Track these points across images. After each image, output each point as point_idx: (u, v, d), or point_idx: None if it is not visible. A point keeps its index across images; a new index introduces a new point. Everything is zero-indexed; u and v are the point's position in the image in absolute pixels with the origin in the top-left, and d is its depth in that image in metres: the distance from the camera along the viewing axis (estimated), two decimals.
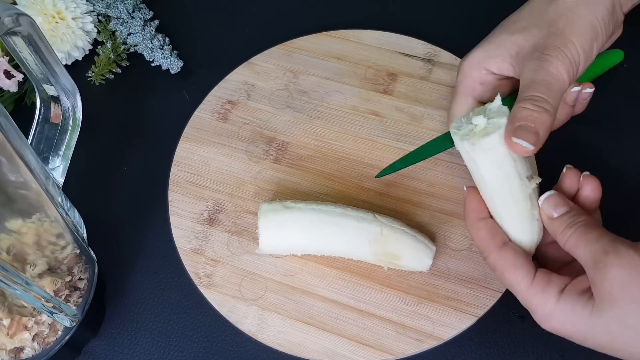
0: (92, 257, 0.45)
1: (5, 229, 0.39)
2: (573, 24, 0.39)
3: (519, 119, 0.36)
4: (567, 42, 0.39)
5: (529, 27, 0.41)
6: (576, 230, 0.35)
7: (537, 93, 0.37)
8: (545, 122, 0.36)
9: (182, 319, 0.47)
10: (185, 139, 0.54)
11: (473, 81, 0.43)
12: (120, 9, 0.59)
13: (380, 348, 0.43)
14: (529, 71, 0.39)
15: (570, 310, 0.34)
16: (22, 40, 0.40)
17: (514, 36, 0.41)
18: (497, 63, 0.42)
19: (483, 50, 0.43)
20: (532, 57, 0.39)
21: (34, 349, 0.42)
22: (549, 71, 0.38)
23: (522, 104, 0.37)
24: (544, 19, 0.40)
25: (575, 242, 0.35)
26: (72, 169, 0.47)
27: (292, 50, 0.57)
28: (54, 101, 0.45)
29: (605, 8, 0.40)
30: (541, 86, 0.37)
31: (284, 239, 0.45)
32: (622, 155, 0.51)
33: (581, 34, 0.39)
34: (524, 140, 0.35)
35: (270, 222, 0.44)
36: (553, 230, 0.37)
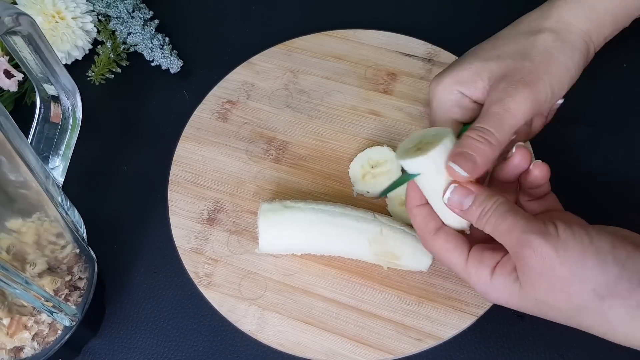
0: (91, 257, 0.45)
1: (5, 229, 0.39)
2: (547, 64, 0.39)
3: (462, 145, 0.37)
4: (537, 80, 0.38)
5: (504, 56, 0.40)
6: (490, 219, 0.35)
7: (485, 125, 0.37)
8: (485, 154, 0.36)
9: (182, 318, 0.47)
10: (185, 139, 0.54)
11: (450, 104, 0.42)
12: (120, 9, 0.59)
13: (380, 347, 0.43)
14: (489, 101, 0.39)
15: (502, 288, 0.36)
16: (22, 40, 0.40)
17: (488, 64, 0.40)
18: (469, 89, 0.41)
19: (454, 77, 0.41)
20: (497, 87, 0.39)
21: (34, 348, 0.42)
22: (507, 106, 0.37)
23: (470, 133, 0.37)
24: (520, 51, 0.40)
25: (491, 230, 0.35)
26: (72, 169, 0.47)
27: (292, 50, 0.57)
28: (54, 101, 0.45)
29: (580, 53, 0.40)
30: (492, 119, 0.37)
31: (284, 239, 0.45)
32: (622, 155, 0.51)
33: (554, 75, 0.39)
34: (459, 167, 0.36)
35: (269, 221, 0.44)
36: (468, 219, 0.37)
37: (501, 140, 0.37)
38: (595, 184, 0.50)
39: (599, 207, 0.49)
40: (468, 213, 0.36)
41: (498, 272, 0.36)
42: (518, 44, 0.40)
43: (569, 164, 0.51)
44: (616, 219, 0.48)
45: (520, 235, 0.34)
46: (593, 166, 0.51)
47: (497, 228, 0.35)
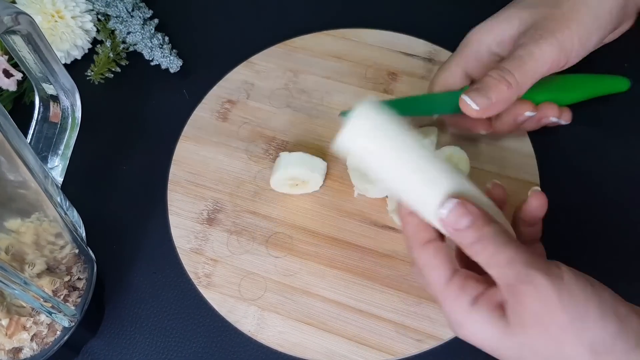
0: (91, 257, 0.45)
1: (4, 229, 0.38)
2: (577, 11, 0.39)
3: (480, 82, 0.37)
4: (563, 27, 0.39)
5: (536, 4, 0.41)
6: (487, 247, 0.32)
7: (506, 66, 0.38)
8: (501, 92, 0.37)
9: (181, 319, 0.47)
10: (184, 138, 0.54)
11: (471, 54, 0.43)
12: (119, 8, 0.59)
13: (380, 348, 0.43)
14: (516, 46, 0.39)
15: (481, 323, 0.32)
16: (21, 39, 0.40)
17: (521, 12, 0.41)
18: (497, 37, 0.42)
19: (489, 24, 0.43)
20: (525, 33, 0.40)
21: (33, 349, 0.41)
22: (531, 50, 0.38)
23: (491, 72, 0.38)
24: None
25: (485, 259, 0.32)
26: (71, 169, 0.47)
27: (292, 49, 0.57)
28: (53, 100, 0.45)
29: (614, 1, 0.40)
30: (515, 60, 0.38)
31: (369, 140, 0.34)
32: (622, 155, 0.51)
33: (582, 23, 0.39)
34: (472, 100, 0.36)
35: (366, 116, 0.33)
36: (458, 242, 0.33)
37: (520, 83, 0.38)
38: (595, 184, 0.50)
39: (599, 208, 0.49)
40: (461, 235, 0.32)
41: (481, 304, 0.32)
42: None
43: (568, 164, 0.51)
44: (616, 219, 0.48)
45: (522, 269, 0.30)
46: (593, 166, 0.51)
47: (493, 258, 0.31)
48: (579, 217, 0.48)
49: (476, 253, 0.32)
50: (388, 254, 0.47)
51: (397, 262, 0.46)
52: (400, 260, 0.46)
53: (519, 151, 0.50)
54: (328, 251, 0.47)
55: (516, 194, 0.48)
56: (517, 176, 0.49)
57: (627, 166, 0.50)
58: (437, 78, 0.45)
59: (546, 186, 0.49)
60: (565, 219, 0.48)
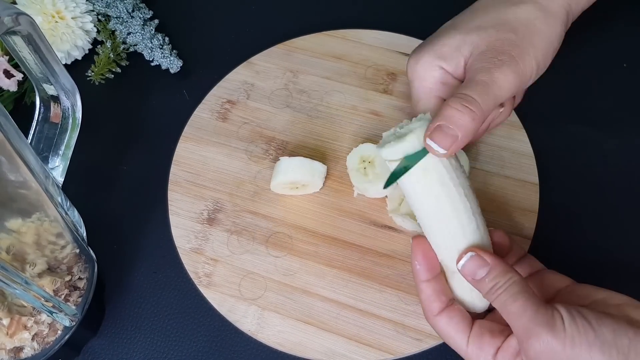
0: (91, 257, 0.45)
1: (5, 229, 0.39)
2: (532, 36, 0.38)
3: (441, 117, 0.34)
4: (523, 53, 0.37)
5: (485, 26, 0.38)
6: (500, 296, 0.34)
7: (470, 92, 0.35)
8: (467, 126, 0.34)
9: (182, 318, 0.47)
10: (184, 139, 0.54)
11: (433, 82, 0.40)
12: (119, 9, 0.59)
13: (380, 347, 0.43)
14: (474, 70, 0.37)
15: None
16: (22, 40, 0.40)
17: (469, 36, 0.38)
18: (450, 65, 0.39)
19: (434, 52, 0.40)
20: (482, 57, 0.37)
21: (34, 348, 0.42)
22: (494, 76, 0.36)
23: (451, 102, 0.35)
24: (502, 22, 0.38)
25: (499, 307, 0.35)
26: (72, 169, 0.47)
27: (291, 49, 0.57)
28: (53, 101, 0.45)
29: (561, 22, 0.39)
30: (478, 86, 0.35)
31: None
32: (622, 154, 0.51)
33: (538, 48, 0.38)
34: (436, 143, 0.33)
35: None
36: (478, 289, 0.36)
37: (485, 111, 0.35)
38: (595, 184, 0.50)
39: (599, 208, 0.49)
40: (480, 284, 0.35)
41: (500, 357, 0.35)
42: (499, 13, 0.39)
43: (568, 164, 0.51)
44: (616, 219, 0.48)
45: (528, 323, 0.33)
46: (593, 166, 0.51)
47: (506, 307, 0.34)
48: (578, 217, 0.48)
49: (492, 301, 0.35)
50: (387, 253, 0.47)
51: (397, 262, 0.46)
52: (399, 259, 0.46)
53: (518, 151, 0.50)
54: (328, 251, 0.47)
55: (516, 193, 0.48)
56: (517, 176, 0.49)
57: (626, 166, 0.50)
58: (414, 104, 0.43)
59: (546, 186, 0.49)
60: (565, 219, 0.48)
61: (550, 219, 0.48)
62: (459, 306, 0.38)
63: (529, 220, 0.47)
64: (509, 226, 0.47)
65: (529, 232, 0.47)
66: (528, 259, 0.41)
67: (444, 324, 0.37)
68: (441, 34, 0.40)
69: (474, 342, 0.36)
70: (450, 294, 0.38)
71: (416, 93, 0.41)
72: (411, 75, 0.41)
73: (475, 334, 0.36)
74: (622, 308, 0.35)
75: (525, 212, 0.48)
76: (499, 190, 0.49)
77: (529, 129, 0.51)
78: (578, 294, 0.37)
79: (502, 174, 0.49)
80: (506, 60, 0.36)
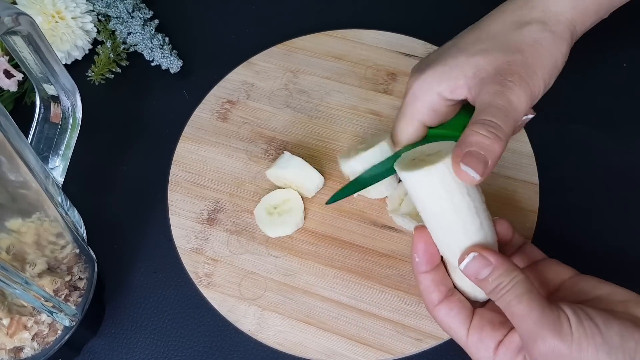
0: (91, 257, 0.45)
1: (5, 229, 0.39)
2: (539, 57, 0.38)
3: (469, 143, 0.34)
4: (532, 73, 0.37)
5: (491, 50, 0.38)
6: (505, 296, 0.34)
7: (493, 119, 0.35)
8: (496, 151, 0.34)
9: (182, 318, 0.47)
10: (185, 139, 0.54)
11: (424, 106, 0.40)
12: (120, 9, 0.59)
13: (380, 347, 0.43)
14: (488, 94, 0.36)
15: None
16: (22, 40, 0.40)
17: (473, 58, 0.38)
18: (450, 86, 0.39)
19: (436, 73, 0.39)
20: (493, 80, 0.37)
21: (34, 348, 0.42)
22: (509, 98, 0.36)
23: (476, 128, 0.34)
24: (508, 44, 0.38)
25: (503, 307, 0.34)
26: (72, 169, 0.47)
27: (291, 49, 0.57)
28: (53, 101, 0.45)
29: (566, 43, 0.39)
30: (500, 112, 0.35)
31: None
32: (622, 154, 0.51)
33: (544, 67, 0.38)
34: (471, 169, 0.33)
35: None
36: (482, 288, 0.36)
37: (508, 135, 0.35)
38: (595, 184, 0.50)
39: (599, 208, 0.49)
40: (483, 283, 0.35)
41: (502, 353, 0.35)
42: (505, 36, 0.39)
43: (568, 164, 0.51)
44: (616, 219, 0.48)
45: (533, 326, 0.32)
46: (593, 166, 0.51)
47: (510, 309, 0.34)
48: (578, 217, 0.48)
49: (496, 300, 0.34)
50: (387, 253, 0.47)
51: (397, 262, 0.46)
52: (399, 259, 0.47)
53: (519, 151, 0.50)
54: (328, 251, 0.47)
55: (516, 193, 0.48)
56: (517, 176, 0.49)
57: (626, 166, 0.50)
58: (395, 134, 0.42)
59: (546, 186, 0.49)
60: (565, 218, 0.48)
61: (550, 219, 0.48)
62: (459, 296, 0.38)
63: (529, 220, 0.47)
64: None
65: (529, 232, 0.47)
66: (529, 248, 0.41)
67: (444, 315, 0.37)
68: (445, 53, 0.40)
69: (473, 333, 0.36)
70: (450, 284, 0.38)
71: (406, 108, 0.41)
72: (408, 90, 0.41)
73: (475, 326, 0.36)
74: (627, 305, 0.34)
75: (525, 212, 0.48)
76: (499, 190, 0.49)
77: (529, 129, 0.51)
78: (581, 287, 0.37)
79: (502, 174, 0.49)
80: (517, 81, 0.36)
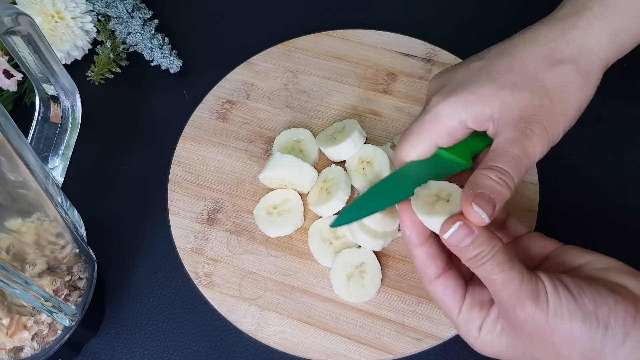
0: (91, 257, 0.45)
1: (4, 229, 0.39)
2: (566, 104, 0.37)
3: (480, 186, 0.34)
4: (554, 122, 0.37)
5: (521, 86, 0.37)
6: (485, 265, 0.34)
7: (505, 167, 0.35)
8: (504, 198, 0.35)
9: (182, 318, 0.47)
10: (184, 139, 0.54)
11: (443, 129, 0.38)
12: (119, 9, 0.59)
13: (379, 347, 0.43)
14: (506, 140, 0.36)
15: (489, 344, 0.36)
16: (22, 40, 0.40)
17: (502, 91, 0.37)
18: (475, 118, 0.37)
19: (463, 100, 0.38)
20: (515, 125, 0.36)
21: (34, 348, 0.42)
22: (525, 149, 0.36)
23: (488, 172, 0.35)
24: (538, 84, 0.37)
25: (483, 276, 0.34)
26: (72, 169, 0.47)
27: (291, 49, 0.57)
28: (53, 101, 0.45)
29: (596, 84, 0.38)
30: (513, 161, 0.35)
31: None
32: (621, 154, 0.51)
33: (568, 115, 0.37)
34: (482, 210, 0.34)
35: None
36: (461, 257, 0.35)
37: (516, 185, 0.36)
38: (595, 184, 0.50)
39: (599, 208, 0.49)
40: (463, 251, 0.35)
41: (485, 331, 0.36)
42: (537, 72, 0.37)
43: (568, 165, 0.51)
44: (616, 219, 0.48)
45: (513, 294, 0.33)
46: (593, 166, 0.51)
47: (490, 277, 0.34)
48: (578, 217, 0.48)
49: (476, 269, 0.35)
50: (387, 253, 0.47)
51: (397, 262, 0.46)
52: (399, 259, 0.47)
53: None
54: None
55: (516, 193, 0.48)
56: None
57: (626, 166, 0.50)
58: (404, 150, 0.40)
59: (546, 186, 0.49)
60: (565, 218, 0.48)
61: (550, 219, 0.48)
62: (454, 272, 0.38)
63: (529, 220, 0.47)
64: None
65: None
66: (512, 222, 0.41)
67: (441, 292, 0.37)
68: (473, 78, 0.38)
69: (464, 313, 0.37)
70: (446, 259, 0.38)
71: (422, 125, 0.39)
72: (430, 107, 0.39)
73: (467, 306, 0.37)
74: (607, 272, 0.35)
75: (525, 212, 0.48)
76: None
77: None
78: (565, 257, 0.37)
79: None
80: (537, 131, 0.36)
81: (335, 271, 0.45)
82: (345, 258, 0.45)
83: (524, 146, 0.36)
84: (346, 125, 0.50)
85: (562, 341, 0.33)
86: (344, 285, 0.45)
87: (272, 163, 0.48)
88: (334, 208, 0.47)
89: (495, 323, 0.36)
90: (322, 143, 0.50)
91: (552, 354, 0.34)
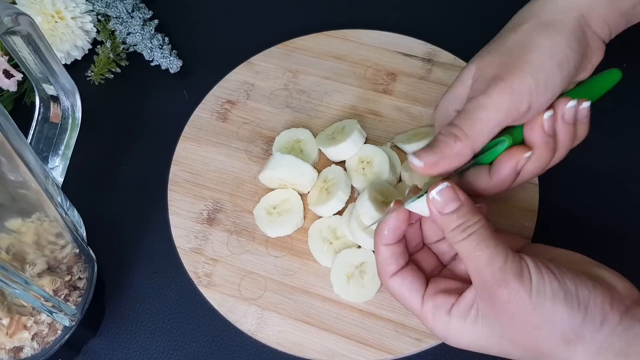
0: (91, 257, 0.45)
1: (4, 229, 0.39)
2: (528, 53, 0.37)
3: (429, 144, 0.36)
4: (513, 72, 0.36)
5: (492, 52, 0.39)
6: (470, 238, 0.34)
7: (455, 121, 0.36)
8: (449, 146, 0.36)
9: (182, 318, 0.47)
10: (184, 139, 0.54)
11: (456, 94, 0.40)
12: (119, 9, 0.59)
13: (379, 347, 0.43)
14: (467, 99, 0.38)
15: (461, 331, 0.36)
16: (22, 40, 0.40)
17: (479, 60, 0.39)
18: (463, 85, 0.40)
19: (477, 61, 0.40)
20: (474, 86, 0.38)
21: (34, 348, 0.42)
22: (479, 102, 0.36)
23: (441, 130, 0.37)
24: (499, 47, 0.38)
25: (466, 251, 0.34)
26: (72, 169, 0.47)
27: (291, 50, 0.57)
28: (53, 101, 0.45)
29: (568, 33, 0.37)
30: (463, 114, 0.36)
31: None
32: (622, 154, 0.51)
33: (537, 64, 0.36)
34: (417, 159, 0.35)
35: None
36: (442, 226, 0.35)
37: (470, 136, 0.36)
38: (594, 184, 0.50)
39: (599, 208, 0.49)
40: (445, 219, 0.35)
41: (455, 315, 0.35)
42: (501, 39, 0.39)
43: (568, 164, 0.51)
44: (616, 218, 0.48)
45: (497, 272, 0.33)
46: (592, 166, 0.51)
47: (474, 254, 0.34)
48: (578, 217, 0.48)
49: (458, 241, 0.34)
50: None
51: None
52: None
53: None
54: None
55: (516, 193, 0.48)
56: None
57: (627, 165, 0.50)
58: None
59: (546, 186, 0.49)
60: (565, 219, 0.48)
61: (550, 219, 0.48)
62: (412, 266, 0.38)
63: (529, 220, 0.47)
64: (509, 226, 0.47)
65: (529, 232, 0.47)
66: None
67: (398, 285, 0.37)
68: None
69: (428, 301, 0.36)
70: (407, 259, 0.38)
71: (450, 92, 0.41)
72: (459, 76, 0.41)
73: (429, 293, 0.37)
74: (579, 265, 0.36)
75: (525, 212, 0.48)
76: None
77: None
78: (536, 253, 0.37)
79: None
80: (492, 83, 0.37)
81: (335, 271, 0.45)
82: (345, 258, 0.45)
83: (477, 100, 0.37)
84: (346, 125, 0.50)
85: (543, 321, 0.33)
86: (344, 285, 0.45)
87: (272, 163, 0.48)
88: (334, 208, 0.47)
89: (468, 309, 0.35)
90: (322, 143, 0.50)
91: (532, 336, 0.33)
